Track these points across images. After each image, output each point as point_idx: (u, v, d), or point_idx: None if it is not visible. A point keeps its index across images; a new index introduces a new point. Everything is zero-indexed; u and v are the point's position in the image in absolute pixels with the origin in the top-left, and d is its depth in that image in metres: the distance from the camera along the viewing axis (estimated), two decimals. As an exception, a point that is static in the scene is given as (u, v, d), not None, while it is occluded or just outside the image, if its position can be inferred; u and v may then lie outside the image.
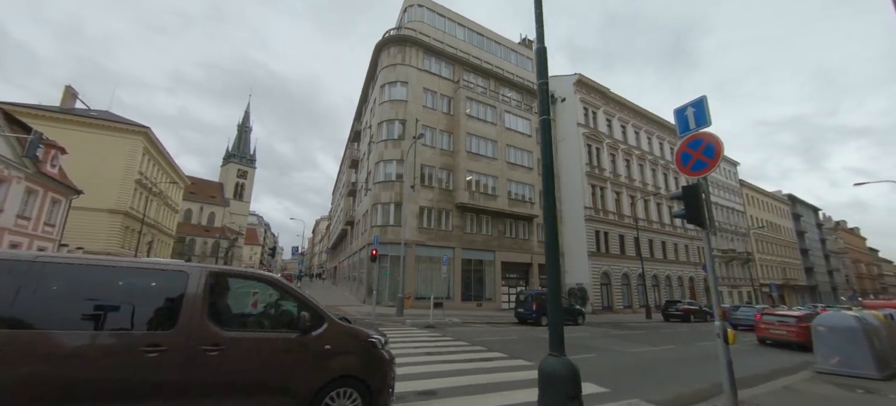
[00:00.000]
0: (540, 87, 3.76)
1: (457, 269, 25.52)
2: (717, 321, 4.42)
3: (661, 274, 34.76)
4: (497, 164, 28.89)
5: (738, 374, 9.06)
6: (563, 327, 3.10)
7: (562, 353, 2.97)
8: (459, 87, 29.03)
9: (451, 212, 26.51)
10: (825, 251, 67.30)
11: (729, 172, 50.82)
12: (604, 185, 32.83)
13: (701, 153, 4.90)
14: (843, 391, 6.67)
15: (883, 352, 8.27)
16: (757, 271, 47.95)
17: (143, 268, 3.45)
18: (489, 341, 11.36)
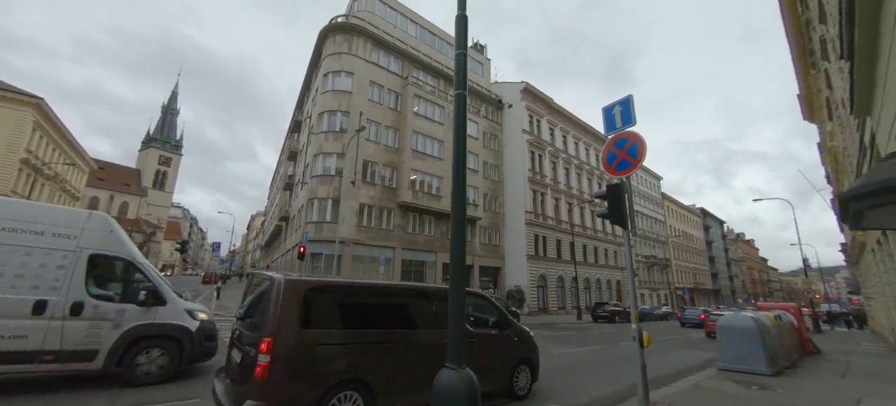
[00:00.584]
0: (458, 57, 3.33)
1: (397, 269, 24.76)
2: (633, 324, 4.30)
3: (593, 277, 36.91)
4: (443, 164, 28.64)
5: (657, 372, 9.54)
6: (465, 335, 2.65)
7: (461, 365, 2.51)
8: (408, 83, 28.38)
9: (394, 211, 25.71)
10: (728, 259, 76.72)
11: (653, 185, 55.79)
12: (544, 191, 34.08)
13: (625, 152, 4.82)
14: (741, 388, 7.12)
15: (773, 350, 9.12)
16: (673, 276, 53.07)
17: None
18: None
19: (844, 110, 10.43)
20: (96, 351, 5.29)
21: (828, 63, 11.06)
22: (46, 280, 5.17)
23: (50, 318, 5.07)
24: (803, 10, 13.36)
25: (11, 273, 5.00)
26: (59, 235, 5.43)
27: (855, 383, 7.76)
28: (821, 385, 7.57)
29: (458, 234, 2.92)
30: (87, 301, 5.34)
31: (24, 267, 5.09)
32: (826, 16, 8.76)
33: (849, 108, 5.25)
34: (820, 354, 12.71)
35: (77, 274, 5.35)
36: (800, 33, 16.97)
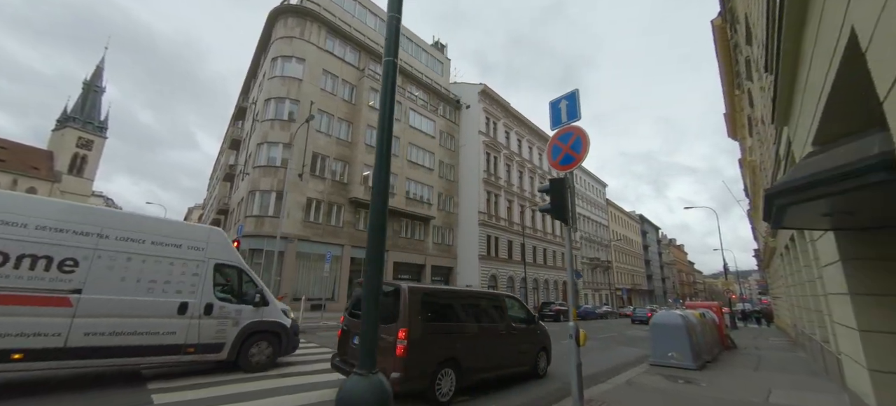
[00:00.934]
0: (390, 21, 2.94)
1: (345, 268, 23.75)
2: (571, 322, 4.17)
3: (541, 278, 38.15)
4: (397, 161, 28.01)
5: (594, 369, 9.80)
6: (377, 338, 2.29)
7: (372, 369, 2.13)
8: (364, 75, 27.42)
9: (344, 206, 24.66)
10: (661, 262, 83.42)
11: (599, 192, 59.11)
12: (498, 193, 34.63)
13: (570, 147, 4.72)
14: (670, 382, 7.44)
15: (698, 346, 9.73)
16: (614, 277, 56.55)
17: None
18: (361, 346, 10.28)
19: (763, 126, 11.47)
20: (223, 344, 6.48)
21: (751, 83, 12.13)
22: (186, 285, 6.28)
23: (190, 317, 6.18)
24: (732, 35, 14.62)
25: (162, 280, 6.08)
26: (192, 248, 6.53)
27: (766, 375, 8.45)
28: (737, 378, 8.14)
29: (378, 222, 2.53)
30: (215, 303, 6.49)
31: (170, 275, 6.17)
32: (752, 38, 9.52)
33: (771, 119, 5.57)
34: (736, 349, 13.91)
35: (207, 280, 6.51)
36: (728, 56, 18.63)
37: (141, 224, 6.22)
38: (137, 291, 5.84)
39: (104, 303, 5.52)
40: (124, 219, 6.14)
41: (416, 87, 32.69)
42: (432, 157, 31.49)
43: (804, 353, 12.12)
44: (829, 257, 4.09)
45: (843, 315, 3.97)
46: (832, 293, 4.36)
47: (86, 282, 5.46)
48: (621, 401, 6.03)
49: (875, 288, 3.50)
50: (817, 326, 8.54)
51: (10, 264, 4.97)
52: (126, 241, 5.95)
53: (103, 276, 5.61)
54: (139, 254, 5.98)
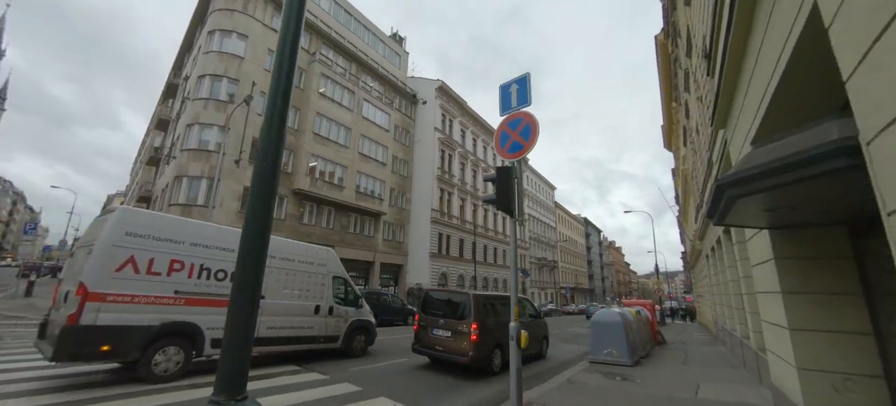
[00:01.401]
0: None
1: (286, 263, 22.11)
2: (512, 323, 3.82)
3: (491, 277, 38.68)
4: (348, 153, 26.75)
5: (536, 368, 9.79)
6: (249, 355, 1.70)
7: (240, 395, 1.55)
8: (315, 60, 25.79)
9: (287, 198, 22.99)
10: (602, 263, 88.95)
11: (548, 194, 61.45)
12: (451, 191, 34.48)
13: (518, 134, 4.39)
14: (608, 380, 7.50)
15: (634, 343, 10.06)
16: (559, 276, 59.13)
17: None
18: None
19: (697, 135, 12.20)
20: (339, 336, 8.78)
21: (688, 94, 12.91)
22: (318, 293, 8.44)
23: (321, 316, 8.40)
24: (673, 49, 15.55)
25: (304, 289, 8.21)
26: (320, 264, 8.68)
27: (693, 370, 8.88)
28: (669, 373, 8.46)
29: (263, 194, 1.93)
30: (334, 305, 8.74)
31: (309, 285, 8.32)
32: (692, 49, 10.01)
33: (710, 122, 5.67)
34: (666, 344, 14.81)
35: (328, 288, 8.69)
36: (668, 71, 19.89)
37: (292, 248, 8.36)
38: (292, 297, 7.97)
39: (275, 305, 7.53)
40: (285, 244, 8.24)
41: (372, 77, 31.51)
42: (386, 151, 30.53)
43: (724, 347, 13.14)
44: (762, 256, 4.14)
45: (773, 313, 4.01)
46: (762, 292, 4.45)
47: (263, 291, 6.34)
48: (562, 401, 5.88)
49: (806, 286, 3.53)
50: (738, 323, 9.15)
51: (226, 280, 6.88)
52: (285, 260, 7.96)
53: (274, 287, 7.57)
54: (292, 270, 8.07)
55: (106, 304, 5.54)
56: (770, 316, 4.19)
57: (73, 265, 6.50)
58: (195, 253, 6.57)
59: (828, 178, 1.96)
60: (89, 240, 6.15)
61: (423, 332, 8.34)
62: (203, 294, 6.55)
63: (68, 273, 6.41)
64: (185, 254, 6.45)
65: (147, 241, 6.13)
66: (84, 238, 6.73)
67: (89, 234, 6.44)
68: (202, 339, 6.36)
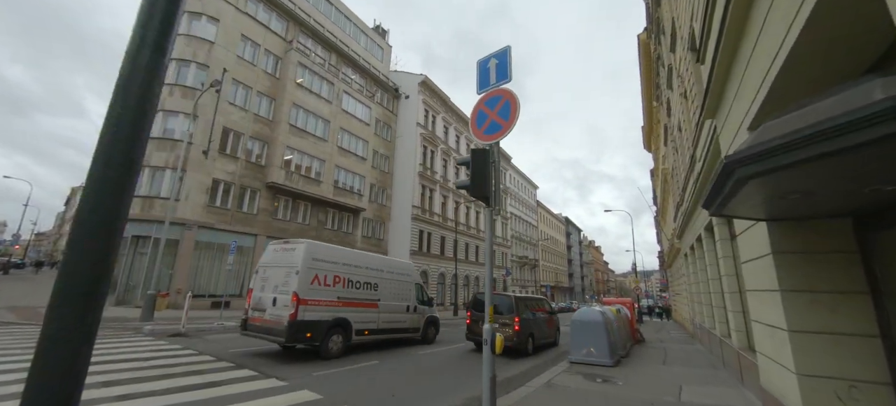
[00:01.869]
0: None
1: (258, 260, 21.07)
2: (486, 325, 3.35)
3: (473, 275, 38.39)
4: (327, 146, 25.83)
5: (515, 370, 9.42)
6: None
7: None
8: (292, 49, 24.71)
9: (260, 192, 21.94)
10: (581, 262, 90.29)
11: (530, 193, 61.73)
12: (433, 187, 33.95)
13: (497, 113, 3.93)
14: (588, 382, 7.17)
15: (614, 342, 9.82)
16: (540, 275, 59.52)
17: None
18: (255, 352, 8.67)
19: (679, 133, 12.09)
20: (419, 328, 11.86)
21: (670, 92, 12.80)
22: (407, 296, 11.51)
23: (410, 313, 11.51)
24: (656, 47, 15.48)
25: (401, 294, 11.21)
26: (407, 274, 11.87)
27: (674, 370, 8.69)
28: (649, 374, 8.22)
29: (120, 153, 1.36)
30: (417, 305, 11.85)
31: (402, 291, 11.32)
32: (677, 41, 9.81)
33: (699, 110, 5.36)
34: (644, 342, 14.77)
35: (413, 292, 11.78)
36: (650, 70, 19.93)
37: (394, 264, 11.45)
38: (395, 300, 10.86)
39: (387, 305, 10.48)
40: (391, 261, 11.52)
41: (353, 69, 30.58)
42: (366, 145, 29.70)
43: (701, 345, 13.15)
44: (757, 251, 3.82)
45: (768, 313, 3.69)
46: (755, 290, 4.14)
47: (380, 296, 10.33)
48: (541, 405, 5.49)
49: (808, 284, 3.21)
50: (718, 322, 9.01)
51: (362, 288, 9.73)
52: (391, 273, 10.97)
53: (386, 293, 10.50)
54: (396, 280, 11.02)
55: (307, 307, 8.21)
56: (764, 316, 3.87)
57: (267, 280, 8.87)
58: (345, 270, 9.38)
59: (876, 148, 1.56)
60: (283, 263, 8.68)
61: (474, 325, 11.07)
62: (351, 298, 9.38)
63: (264, 284, 8.90)
64: (340, 271, 9.23)
65: (323, 264, 8.82)
66: (273, 261, 9.04)
67: (278, 259, 8.94)
68: (351, 329, 9.16)
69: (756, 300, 4.18)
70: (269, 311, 8.36)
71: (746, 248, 4.29)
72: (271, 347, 9.32)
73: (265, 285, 8.81)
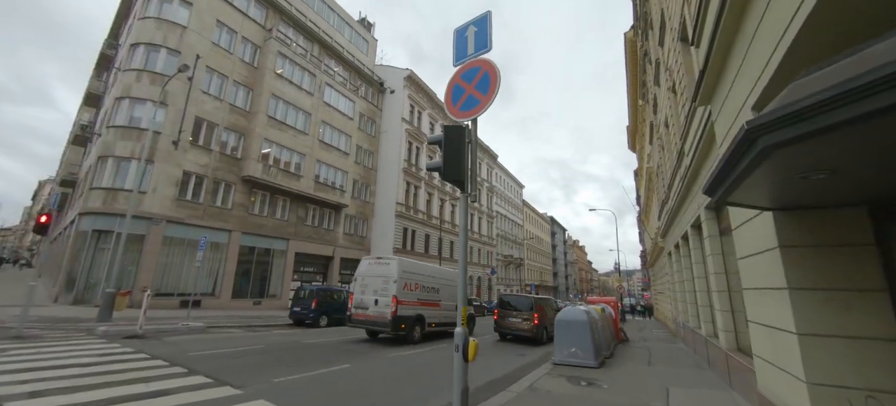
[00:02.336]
0: None
1: (232, 257, 20.17)
2: (458, 327, 2.87)
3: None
4: (307, 140, 24.94)
5: (496, 374, 8.99)
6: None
7: None
8: (272, 38, 23.73)
9: (235, 185, 20.96)
10: (566, 261, 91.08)
11: (516, 192, 61.74)
12: (418, 184, 33.36)
13: (474, 87, 3.46)
14: (573, 386, 6.79)
15: (599, 342, 9.52)
16: (525, 274, 59.62)
17: None
18: (216, 355, 8.00)
19: (666, 129, 11.88)
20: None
21: (657, 87, 12.60)
22: (453, 297, 14.01)
23: (449, 310, 13.95)
24: (643, 43, 15.31)
25: (452, 296, 14.06)
26: (452, 280, 14.51)
27: (660, 371, 8.41)
28: (635, 375, 7.91)
29: None
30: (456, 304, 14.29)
31: (453, 293, 14.06)
32: (666, 34, 9.54)
33: (693, 97, 5.01)
34: (628, 342, 14.61)
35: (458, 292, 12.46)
36: (636, 69, 19.83)
37: (447, 272, 14.89)
38: (449, 300, 13.98)
39: (445, 304, 13.72)
40: (444, 270, 14.98)
41: (336, 62, 29.69)
42: (349, 140, 28.87)
43: (684, 344, 13.04)
44: (759, 245, 3.45)
45: (772, 314, 3.33)
46: (755, 288, 3.78)
47: (441, 297, 13.63)
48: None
49: (821, 281, 2.84)
50: (703, 322, 8.79)
51: (429, 292, 13.03)
52: (445, 279, 14.24)
53: (443, 295, 13.81)
54: (449, 285, 14.24)
55: (401, 306, 11.29)
56: (766, 317, 3.51)
57: (367, 286, 11.95)
58: (420, 279, 12.64)
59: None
60: (379, 274, 11.88)
61: (502, 319, 14.18)
62: (425, 299, 12.63)
63: (364, 289, 11.97)
64: (418, 280, 12.52)
65: (409, 275, 12.13)
66: (369, 272, 12.20)
67: (373, 270, 12.13)
68: (424, 322, 12.37)
69: (755, 299, 3.82)
70: (371, 309, 11.56)
71: (745, 243, 3.93)
72: (234, 350, 8.65)
73: (365, 290, 11.96)
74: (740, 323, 6.62)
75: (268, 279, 22.43)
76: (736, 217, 4.13)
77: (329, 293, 15.55)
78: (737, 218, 4.09)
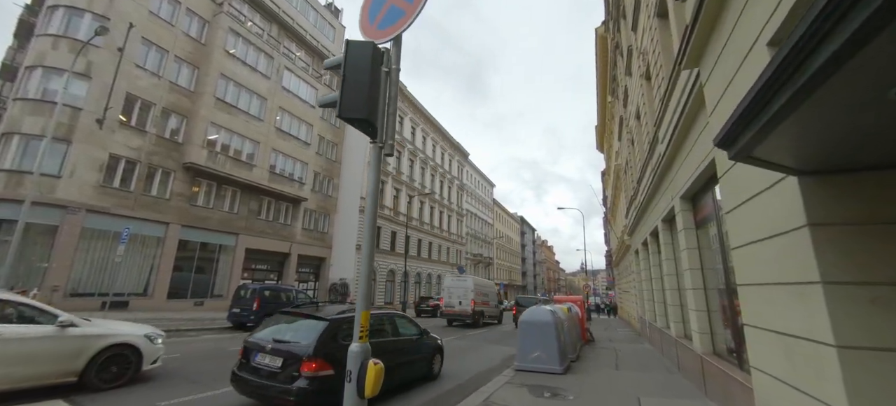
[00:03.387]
0: None
1: (169, 253, 18.05)
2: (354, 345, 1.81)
3: (425, 272, 36.94)
4: (262, 127, 23.00)
5: (458, 378, 8.08)
6: None
7: None
8: (223, 12, 21.63)
9: (176, 173, 18.82)
10: (535, 260, 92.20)
11: (487, 191, 61.46)
12: (385, 179, 31.96)
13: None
14: (535, 398, 5.92)
15: (565, 345, 8.77)
16: (494, 273, 59.43)
17: None
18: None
19: (637, 122, 11.38)
20: (497, 316, 23.18)
21: (629, 78, 12.12)
22: (494, 299, 23.21)
23: (496, 308, 23.40)
24: (615, 34, 14.88)
25: (492, 298, 22.53)
26: (493, 288, 24.17)
27: (629, 376, 7.74)
28: (603, 382, 7.18)
29: None
30: (498, 304, 24.22)
31: (493, 296, 23.03)
32: (640, 14, 8.94)
33: (677, 62, 4.21)
34: (594, 342, 14.12)
35: (495, 297, 23.82)
36: (606, 63, 19.55)
37: (488, 283, 24.52)
38: (493, 300, 22.72)
39: (492, 304, 22.52)
40: (486, 282, 24.64)
41: (298, 46, 27.76)
42: (310, 129, 27.05)
43: (650, 345, 12.65)
44: (776, 225, 2.63)
45: (792, 318, 2.51)
46: (760, 284, 2.96)
47: (489, 299, 21.65)
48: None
49: (870, 273, 2.02)
50: (673, 322, 8.22)
51: (481, 296, 20.46)
52: (487, 286, 22.57)
53: (490, 299, 22.05)
54: (492, 290, 23.04)
55: (475, 305, 19.21)
56: (779, 322, 2.69)
57: (452, 293, 19.49)
58: (478, 287, 19.85)
59: None
60: (460, 285, 19.67)
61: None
62: (480, 300, 19.80)
63: (451, 295, 19.51)
64: (479, 289, 19.92)
65: (478, 285, 20.09)
66: (453, 284, 19.83)
67: (456, 283, 19.85)
68: (483, 316, 20.18)
69: (759, 298, 3.02)
70: (457, 307, 19.12)
71: (747, 226, 3.11)
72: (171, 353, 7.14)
73: (451, 295, 19.49)
74: (717, 324, 6.00)
75: (214, 277, 20.38)
76: (735, 193, 3.32)
77: (275, 292, 13.98)
78: (736, 194, 3.28)
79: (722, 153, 2.67)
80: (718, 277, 5.62)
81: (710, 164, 4.58)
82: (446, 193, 43.85)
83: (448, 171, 45.08)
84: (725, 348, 5.59)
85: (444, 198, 42.93)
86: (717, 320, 5.99)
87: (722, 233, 5.16)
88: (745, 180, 3.00)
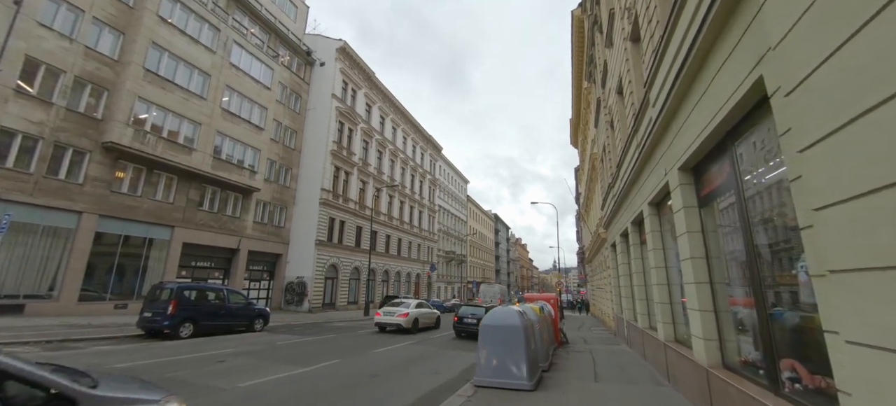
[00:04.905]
0: None
1: (81, 247, 15.36)
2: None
3: (393, 270, 35.07)
4: (205, 106, 20.39)
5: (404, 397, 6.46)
6: None
7: None
8: (158, -26, 18.85)
9: (92, 153, 16.08)
10: (508, 258, 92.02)
11: (461, 187, 60.13)
12: (350, 170, 29.82)
13: None
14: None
15: (535, 353, 7.32)
16: (467, 271, 58.25)
17: None
18: None
19: (618, 98, 10.11)
20: None
21: (609, 50, 10.86)
22: (506, 297, 35.11)
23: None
24: (593, 9, 13.67)
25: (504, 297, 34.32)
26: (502, 288, 37.56)
27: (611, 391, 6.37)
28: (581, 402, 5.76)
29: None
30: (508, 301, 29.77)
31: (493, 297, 32.71)
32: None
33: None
34: (568, 344, 12.90)
35: (508, 296, 38.44)
36: (582, 46, 18.42)
37: (502, 287, 38.17)
38: (504, 297, 34.58)
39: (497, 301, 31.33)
40: (501, 287, 37.88)
41: (252, 20, 25.15)
42: (264, 113, 24.51)
43: (628, 347, 11.52)
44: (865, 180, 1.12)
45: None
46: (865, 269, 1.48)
47: (502, 297, 33.96)
48: None
49: None
50: (663, 323, 6.94)
51: (499, 295, 33.45)
52: (499, 288, 36.25)
53: (503, 296, 34.96)
54: (502, 291, 35.90)
55: (500, 303, 23.06)
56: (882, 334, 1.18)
57: (484, 297, 33.08)
58: (501, 292, 34.83)
59: None
60: (490, 292, 34.32)
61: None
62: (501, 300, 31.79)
63: (483, 296, 33.74)
64: (501, 293, 34.74)
65: (502, 292, 36.22)
66: (485, 291, 34.92)
67: (488, 290, 35.20)
68: None
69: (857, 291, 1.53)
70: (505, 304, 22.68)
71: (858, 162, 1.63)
72: None
73: (484, 297, 32.40)
74: (726, 329, 4.67)
75: (140, 276, 17.72)
76: (827, 110, 1.85)
77: (201, 292, 11.82)
78: (831, 110, 1.81)
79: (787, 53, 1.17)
80: (735, 268, 4.28)
81: (752, 87, 3.13)
82: (417, 188, 42.06)
83: (420, 164, 43.29)
84: (742, 361, 4.26)
85: (414, 192, 41.13)
86: (726, 323, 4.67)
87: (745, 207, 3.79)
88: (855, 82, 1.52)
